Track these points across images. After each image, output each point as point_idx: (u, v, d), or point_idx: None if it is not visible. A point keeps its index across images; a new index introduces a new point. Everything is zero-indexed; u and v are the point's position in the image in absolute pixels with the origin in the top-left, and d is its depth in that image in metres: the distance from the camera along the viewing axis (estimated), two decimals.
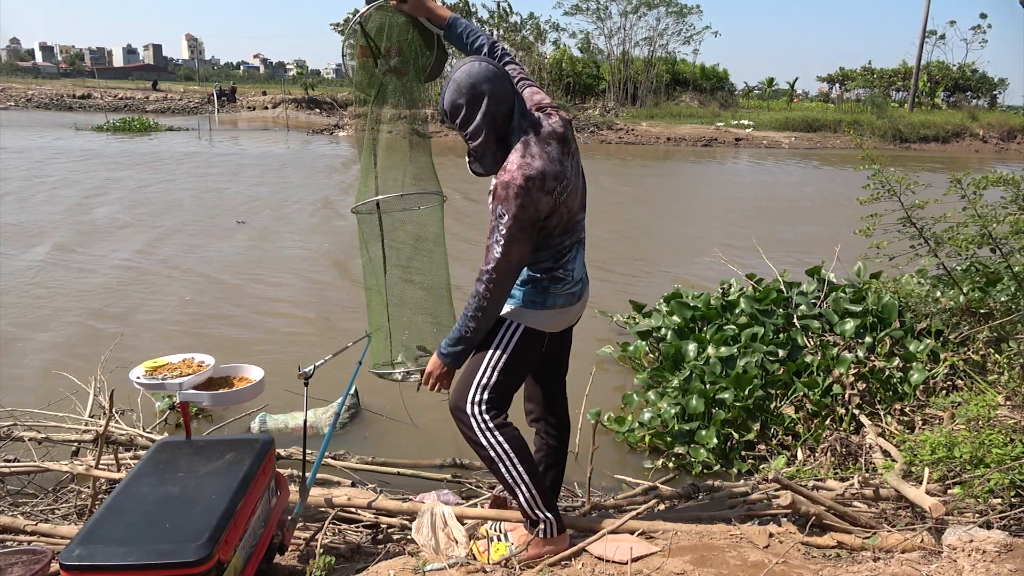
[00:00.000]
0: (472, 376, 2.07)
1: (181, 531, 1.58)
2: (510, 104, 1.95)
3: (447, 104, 1.96)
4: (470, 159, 2.04)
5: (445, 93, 1.96)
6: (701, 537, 2.29)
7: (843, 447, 3.30)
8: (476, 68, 1.92)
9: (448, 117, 1.97)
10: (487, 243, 1.94)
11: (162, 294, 6.63)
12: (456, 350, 2.03)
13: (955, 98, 41.04)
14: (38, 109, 37.73)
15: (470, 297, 1.98)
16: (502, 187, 1.90)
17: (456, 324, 2.02)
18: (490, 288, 1.95)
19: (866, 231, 3.82)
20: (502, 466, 2.07)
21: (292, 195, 12.88)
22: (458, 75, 1.92)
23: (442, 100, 1.97)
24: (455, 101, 1.93)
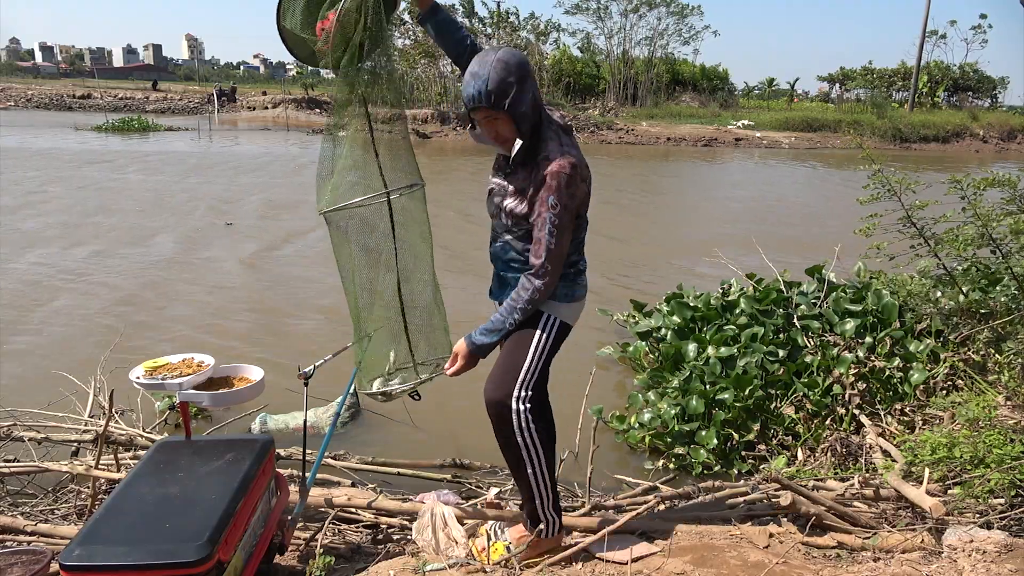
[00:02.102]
0: (516, 370, 2.04)
1: (181, 531, 1.58)
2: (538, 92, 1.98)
3: (493, 84, 1.87)
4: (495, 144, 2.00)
5: (486, 74, 1.87)
6: (701, 537, 2.29)
7: (843, 447, 3.30)
8: (516, 51, 1.93)
9: (487, 99, 1.87)
10: (537, 235, 1.94)
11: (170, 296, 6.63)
12: (492, 341, 2.02)
13: (955, 98, 41.03)
14: (38, 109, 37.72)
15: (520, 290, 1.98)
16: (552, 176, 1.91)
17: (498, 315, 2.01)
18: (546, 281, 1.96)
19: (866, 231, 3.82)
20: (529, 467, 2.06)
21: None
22: (503, 55, 1.89)
23: (478, 83, 1.87)
24: (505, 79, 1.87)
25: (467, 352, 2.04)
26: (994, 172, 3.53)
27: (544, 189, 1.92)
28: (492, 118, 1.93)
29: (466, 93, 1.92)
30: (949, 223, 3.72)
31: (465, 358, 2.05)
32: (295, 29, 2.15)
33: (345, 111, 2.21)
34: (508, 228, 2.08)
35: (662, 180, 18.09)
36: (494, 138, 1.99)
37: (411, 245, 2.35)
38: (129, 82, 61.55)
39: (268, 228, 9.77)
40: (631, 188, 15.09)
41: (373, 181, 2.25)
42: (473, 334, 2.04)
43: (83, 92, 42.89)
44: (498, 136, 1.97)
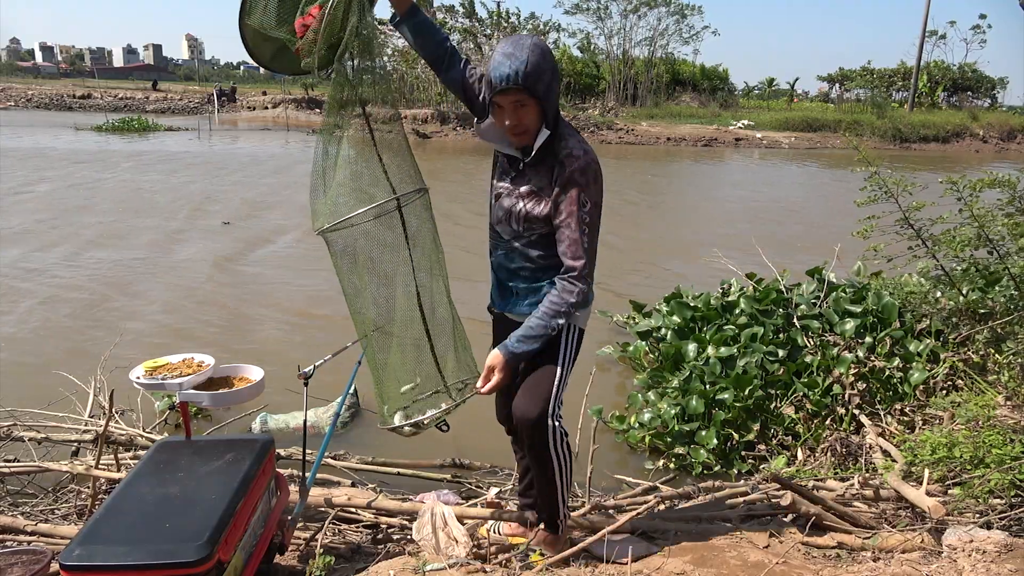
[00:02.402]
0: (548, 386, 1.99)
1: (181, 531, 1.58)
2: None
3: (532, 66, 1.78)
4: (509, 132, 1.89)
5: (524, 56, 1.78)
6: (701, 537, 2.29)
7: (843, 447, 3.30)
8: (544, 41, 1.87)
9: (524, 80, 1.78)
10: (571, 236, 1.87)
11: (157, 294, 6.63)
12: (531, 349, 1.92)
13: (955, 98, 41.04)
14: (38, 109, 37.70)
15: (563, 292, 1.90)
16: (580, 173, 1.85)
17: (537, 320, 1.91)
18: (588, 283, 1.90)
19: (863, 233, 3.82)
20: (558, 477, 2.06)
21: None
22: (538, 41, 1.84)
23: (516, 63, 1.77)
24: (540, 65, 1.79)
25: (504, 363, 1.93)
26: (993, 172, 3.53)
27: (573, 187, 1.85)
28: (521, 104, 1.82)
29: (499, 73, 1.79)
30: (947, 224, 3.72)
31: (503, 370, 1.93)
32: (265, 27, 1.99)
33: (339, 113, 2.02)
34: (518, 234, 2.00)
35: (662, 180, 18.09)
36: (512, 129, 1.87)
37: (426, 257, 2.11)
38: (129, 82, 61.55)
39: (251, 227, 9.70)
40: (631, 188, 15.08)
41: (378, 189, 2.02)
42: (510, 343, 1.93)
43: (83, 92, 42.87)
44: (518, 126, 1.86)
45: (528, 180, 1.95)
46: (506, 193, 2.01)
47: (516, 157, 1.99)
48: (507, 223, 2.01)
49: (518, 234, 2.00)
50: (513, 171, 2.00)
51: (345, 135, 2.02)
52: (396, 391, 2.15)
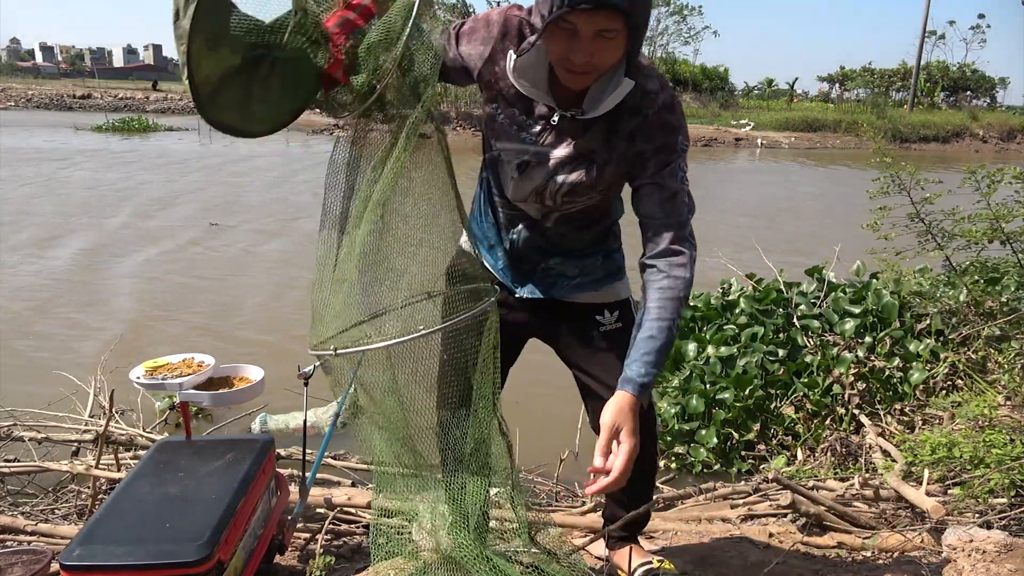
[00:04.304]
0: None
1: (181, 531, 1.58)
2: None
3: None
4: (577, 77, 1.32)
5: None
6: (701, 537, 2.30)
7: (843, 447, 3.30)
8: None
9: (626, 14, 1.20)
10: (672, 187, 1.39)
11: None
12: (658, 371, 1.36)
13: (955, 98, 41.06)
14: (38, 109, 37.70)
15: (677, 269, 1.36)
16: (668, 110, 1.39)
17: (657, 326, 1.35)
18: (694, 244, 1.41)
19: (873, 224, 3.82)
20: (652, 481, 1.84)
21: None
22: None
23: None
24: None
25: (634, 408, 1.32)
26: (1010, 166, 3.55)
27: (663, 132, 1.38)
28: (609, 34, 1.24)
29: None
30: (960, 216, 3.72)
31: (633, 419, 1.31)
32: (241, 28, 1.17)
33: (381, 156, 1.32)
34: (552, 209, 1.52)
35: None
36: (576, 66, 1.28)
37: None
38: (129, 82, 61.60)
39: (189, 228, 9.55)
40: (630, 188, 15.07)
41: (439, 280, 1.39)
42: (633, 374, 1.33)
43: (83, 92, 42.89)
44: (588, 63, 1.28)
45: (568, 139, 1.42)
46: (535, 161, 1.45)
47: (549, 107, 1.41)
48: (538, 200, 1.51)
49: (551, 209, 1.53)
50: (537, 125, 1.44)
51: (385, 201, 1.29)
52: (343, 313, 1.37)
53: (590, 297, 1.65)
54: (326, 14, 1.24)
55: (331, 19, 1.24)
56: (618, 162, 1.42)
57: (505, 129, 1.47)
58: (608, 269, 1.65)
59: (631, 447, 1.28)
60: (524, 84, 1.38)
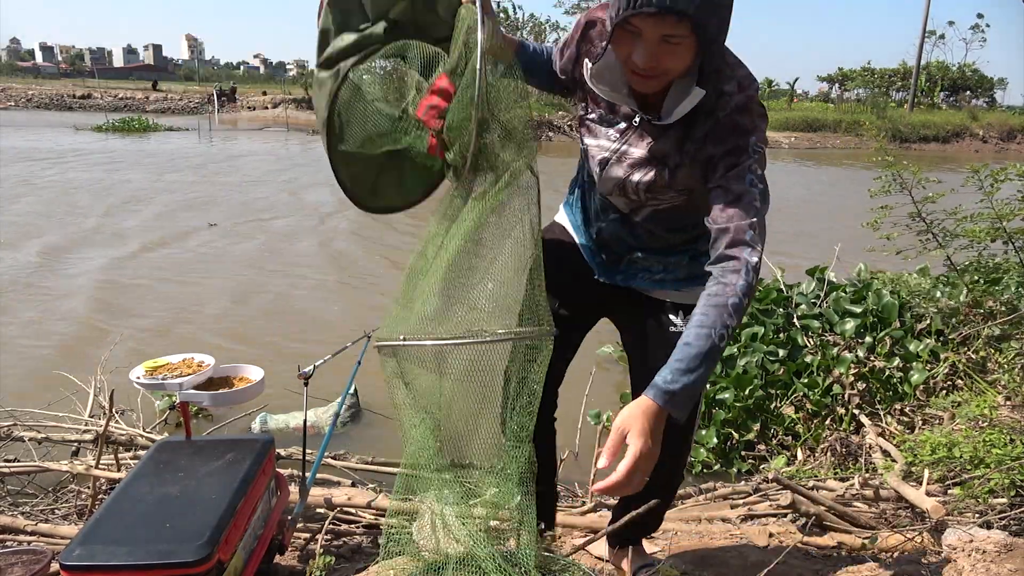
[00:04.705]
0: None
1: (181, 531, 1.58)
2: None
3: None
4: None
5: None
6: (701, 537, 2.30)
7: (843, 447, 3.30)
8: None
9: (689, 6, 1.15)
10: (737, 190, 1.29)
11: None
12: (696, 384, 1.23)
13: (955, 98, 41.08)
14: (38, 109, 37.72)
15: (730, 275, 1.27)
16: (740, 112, 1.32)
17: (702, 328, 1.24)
18: (759, 254, 1.29)
19: (874, 223, 3.82)
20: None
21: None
22: None
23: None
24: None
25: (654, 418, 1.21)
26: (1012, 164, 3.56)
27: (734, 134, 1.31)
28: (675, 39, 1.20)
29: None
30: (961, 214, 3.72)
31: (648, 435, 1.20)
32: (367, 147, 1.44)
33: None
34: (640, 203, 1.50)
35: None
36: (643, 70, 1.25)
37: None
38: (129, 82, 61.57)
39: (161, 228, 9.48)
40: None
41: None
42: (663, 380, 1.22)
43: (83, 92, 42.88)
44: (655, 68, 1.25)
45: (647, 141, 1.40)
46: (614, 159, 1.46)
47: (632, 109, 1.41)
48: (621, 195, 1.51)
49: (640, 204, 1.50)
50: (617, 123, 1.44)
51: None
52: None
53: (669, 296, 1.62)
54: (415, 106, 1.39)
55: (420, 108, 1.37)
56: (690, 165, 1.38)
57: (593, 126, 1.49)
58: (693, 271, 1.57)
59: (638, 450, 1.18)
60: (603, 88, 1.39)
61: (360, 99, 1.40)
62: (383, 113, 1.41)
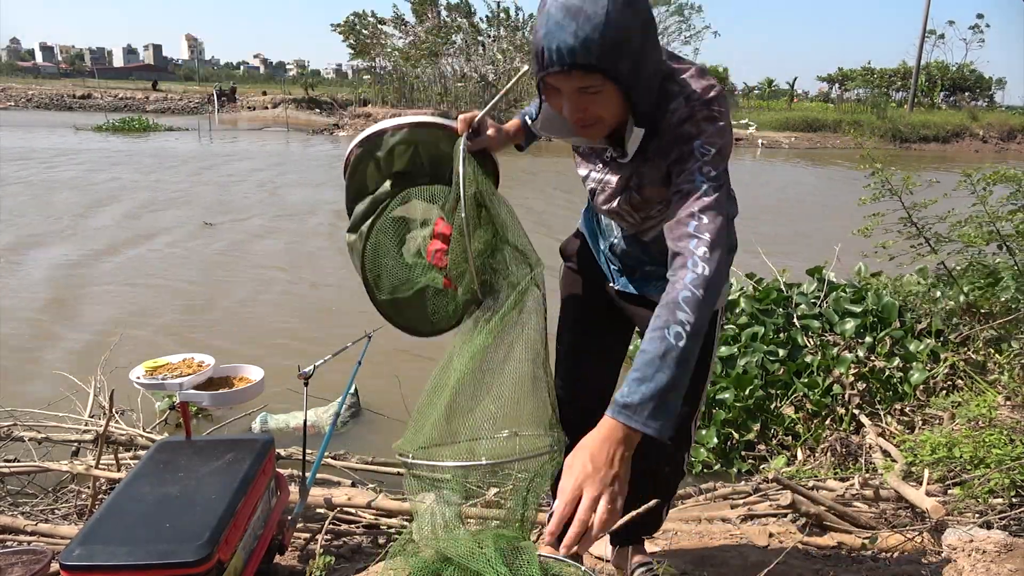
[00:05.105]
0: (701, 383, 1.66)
1: (181, 531, 1.58)
2: None
3: (612, 29, 1.12)
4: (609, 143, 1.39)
5: (599, 12, 1.12)
6: (701, 537, 2.30)
7: (843, 447, 3.30)
8: None
9: (597, 55, 1.14)
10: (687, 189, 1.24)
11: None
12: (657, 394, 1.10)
13: (954, 98, 41.08)
14: (38, 109, 37.73)
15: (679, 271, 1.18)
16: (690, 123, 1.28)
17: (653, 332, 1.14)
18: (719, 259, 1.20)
19: (865, 231, 3.82)
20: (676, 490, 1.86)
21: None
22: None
23: (583, 25, 1.12)
24: (623, 26, 1.14)
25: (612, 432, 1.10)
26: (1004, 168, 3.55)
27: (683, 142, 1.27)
28: (593, 90, 1.20)
29: (554, 43, 1.14)
30: (953, 218, 3.72)
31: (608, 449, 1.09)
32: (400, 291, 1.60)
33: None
34: (640, 223, 1.53)
35: None
36: (579, 118, 1.27)
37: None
38: (129, 82, 61.53)
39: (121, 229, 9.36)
40: None
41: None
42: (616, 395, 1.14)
43: (83, 92, 42.87)
44: (585, 118, 1.26)
45: (617, 173, 1.44)
46: (599, 188, 1.50)
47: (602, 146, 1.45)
48: (620, 219, 1.55)
49: (639, 224, 1.53)
50: (600, 155, 1.48)
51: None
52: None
53: None
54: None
55: (428, 253, 1.56)
56: (651, 183, 1.39)
57: (581, 157, 1.55)
58: None
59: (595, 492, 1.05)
60: (556, 136, 1.43)
61: (381, 254, 1.58)
62: (401, 263, 1.59)
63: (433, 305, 1.59)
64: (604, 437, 1.09)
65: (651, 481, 1.73)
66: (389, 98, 32.49)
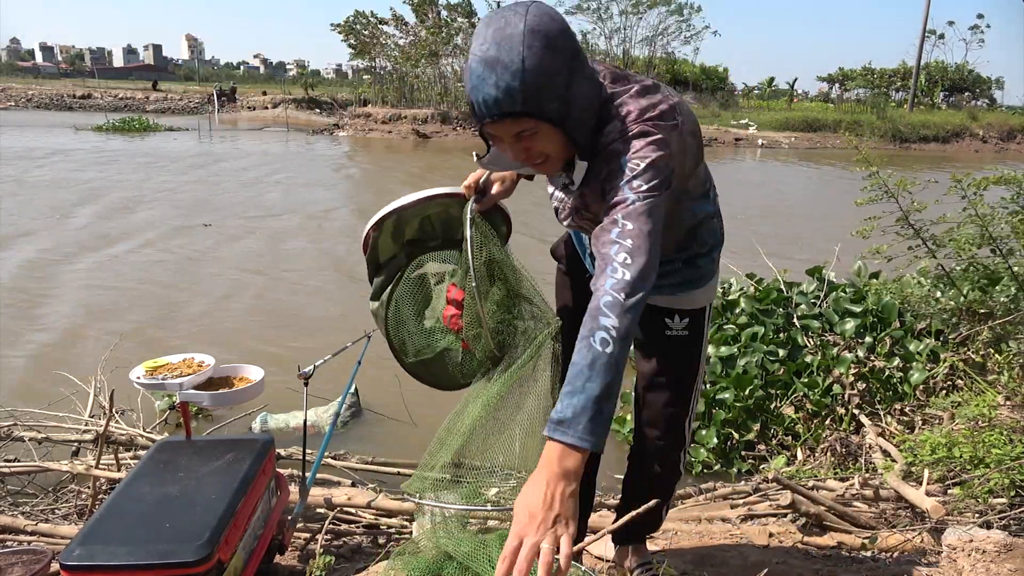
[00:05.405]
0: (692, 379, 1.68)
1: (181, 531, 1.58)
2: None
3: (531, 74, 1.15)
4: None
5: (516, 60, 1.15)
6: (701, 537, 2.30)
7: (843, 447, 3.30)
8: (547, 9, 1.21)
9: (522, 102, 1.18)
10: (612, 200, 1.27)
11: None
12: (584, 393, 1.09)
13: (954, 98, 41.08)
14: (38, 109, 37.72)
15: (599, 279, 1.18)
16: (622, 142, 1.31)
17: (581, 342, 1.13)
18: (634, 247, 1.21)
19: (863, 232, 3.82)
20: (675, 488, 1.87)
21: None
22: (536, 22, 1.17)
23: (503, 75, 1.16)
24: (544, 67, 1.17)
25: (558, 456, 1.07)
26: (1001, 170, 3.55)
27: (611, 160, 1.28)
28: (529, 132, 1.24)
29: (480, 96, 1.19)
30: (949, 223, 3.73)
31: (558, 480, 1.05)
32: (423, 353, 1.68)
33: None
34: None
35: None
36: (525, 159, 1.31)
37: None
38: (129, 82, 61.51)
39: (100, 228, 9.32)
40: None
41: None
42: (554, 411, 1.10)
43: (83, 92, 42.87)
44: (531, 158, 1.30)
45: (570, 196, 1.50)
46: (560, 207, 1.57)
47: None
48: (583, 230, 1.61)
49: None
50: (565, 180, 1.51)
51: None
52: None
53: (664, 301, 1.64)
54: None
55: (444, 318, 1.62)
56: (594, 201, 1.40)
57: (548, 180, 1.59)
58: (687, 276, 1.61)
59: (535, 539, 1.00)
60: (503, 169, 1.48)
61: (402, 322, 1.67)
62: (420, 329, 1.67)
63: (456, 364, 1.66)
64: (540, 474, 1.05)
65: (647, 482, 1.75)
66: (389, 98, 32.46)
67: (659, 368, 1.69)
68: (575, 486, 1.05)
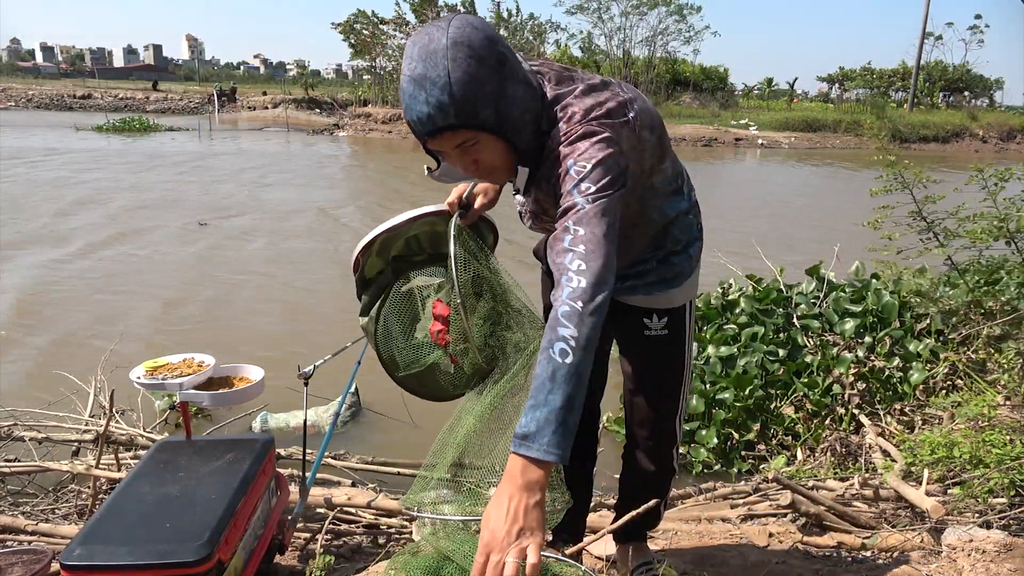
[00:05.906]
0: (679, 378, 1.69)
1: (181, 531, 1.58)
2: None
3: (459, 87, 1.17)
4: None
5: (442, 76, 1.16)
6: (701, 537, 2.30)
7: (843, 447, 3.30)
8: (472, 21, 1.22)
9: (456, 116, 1.19)
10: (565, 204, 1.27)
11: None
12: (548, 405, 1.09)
13: (954, 99, 41.08)
14: (38, 109, 37.72)
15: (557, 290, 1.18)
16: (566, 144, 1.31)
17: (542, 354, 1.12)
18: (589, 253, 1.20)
19: (875, 223, 3.81)
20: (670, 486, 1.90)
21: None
22: (457, 34, 1.17)
23: (433, 92, 1.17)
24: (472, 78, 1.17)
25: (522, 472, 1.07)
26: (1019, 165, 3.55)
27: (558, 163, 1.28)
28: (470, 143, 1.25)
29: (414, 114, 1.20)
30: (964, 214, 3.71)
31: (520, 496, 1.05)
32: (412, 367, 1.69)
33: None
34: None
35: None
36: (473, 171, 1.33)
37: None
38: (129, 82, 61.50)
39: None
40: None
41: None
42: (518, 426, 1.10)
43: (83, 92, 42.86)
44: (479, 170, 1.32)
45: (528, 199, 1.54)
46: (523, 211, 1.61)
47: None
48: (548, 232, 1.62)
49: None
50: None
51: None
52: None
53: (640, 301, 1.63)
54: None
55: (431, 333, 1.62)
56: (550, 205, 1.41)
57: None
58: (662, 275, 1.60)
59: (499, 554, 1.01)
60: (455, 181, 1.47)
61: (391, 337, 1.67)
62: (409, 344, 1.67)
63: (446, 376, 1.66)
64: (504, 489, 1.06)
65: (642, 481, 1.77)
66: (389, 98, 32.45)
67: (642, 369, 1.70)
68: (539, 496, 1.06)
